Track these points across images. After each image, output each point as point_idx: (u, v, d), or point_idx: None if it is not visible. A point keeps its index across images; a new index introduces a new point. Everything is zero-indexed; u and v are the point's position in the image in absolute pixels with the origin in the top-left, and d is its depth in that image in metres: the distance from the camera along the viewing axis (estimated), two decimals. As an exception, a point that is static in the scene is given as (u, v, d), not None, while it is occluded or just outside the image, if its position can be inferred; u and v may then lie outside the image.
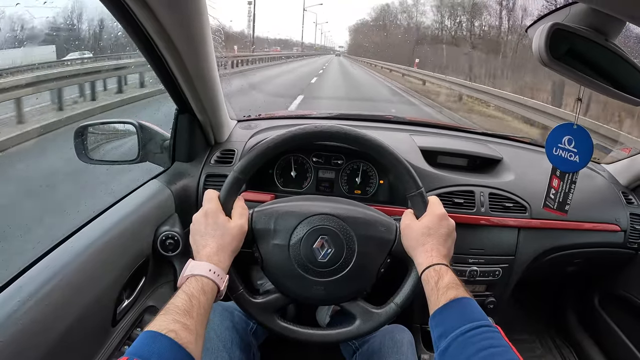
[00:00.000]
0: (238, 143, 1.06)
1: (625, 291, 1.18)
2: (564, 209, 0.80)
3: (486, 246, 1.00)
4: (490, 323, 0.53)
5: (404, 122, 1.34)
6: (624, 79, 0.63)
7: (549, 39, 0.57)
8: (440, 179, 1.01)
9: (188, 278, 0.58)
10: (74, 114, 4.20)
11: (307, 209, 0.71)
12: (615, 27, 0.60)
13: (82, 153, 0.95)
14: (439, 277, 0.59)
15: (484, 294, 1.06)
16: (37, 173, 2.55)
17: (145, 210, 0.83)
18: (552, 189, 0.80)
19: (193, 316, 0.52)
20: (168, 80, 0.81)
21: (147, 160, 0.98)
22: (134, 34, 0.67)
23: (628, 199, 1.14)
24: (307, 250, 0.69)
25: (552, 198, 0.80)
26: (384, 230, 0.71)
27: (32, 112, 3.68)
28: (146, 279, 0.83)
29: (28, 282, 0.57)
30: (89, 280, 0.65)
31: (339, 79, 14.76)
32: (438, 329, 0.55)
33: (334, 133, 0.70)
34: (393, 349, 0.79)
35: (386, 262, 0.71)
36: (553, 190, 0.80)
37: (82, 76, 4.83)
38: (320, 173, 1.08)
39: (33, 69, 3.89)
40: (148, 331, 0.48)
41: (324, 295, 0.71)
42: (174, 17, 0.65)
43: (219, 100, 0.96)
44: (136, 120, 0.96)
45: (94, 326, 0.67)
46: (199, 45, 0.75)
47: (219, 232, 0.64)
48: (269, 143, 0.69)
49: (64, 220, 1.58)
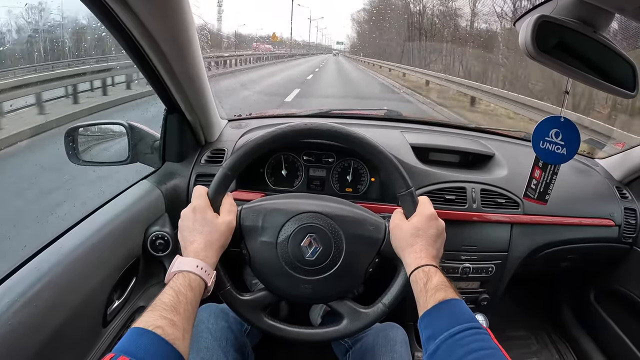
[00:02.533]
0: (228, 142, 1.06)
1: (620, 286, 1.18)
2: (544, 198, 0.81)
3: (479, 243, 1.00)
4: (479, 325, 0.53)
5: (395, 119, 1.34)
6: (613, 72, 0.63)
7: (535, 32, 0.56)
8: (432, 176, 1.01)
9: (175, 274, 0.58)
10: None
11: (295, 206, 0.71)
12: (603, 19, 0.60)
13: (72, 154, 0.94)
14: (428, 278, 0.59)
15: (478, 291, 1.05)
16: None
17: (135, 210, 0.83)
18: (533, 179, 0.80)
19: (180, 312, 0.52)
20: (155, 80, 0.81)
21: (138, 160, 0.98)
22: (118, 35, 0.66)
23: (622, 194, 1.14)
24: (295, 248, 0.69)
25: (533, 188, 0.81)
26: (373, 229, 0.71)
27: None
28: (137, 280, 0.83)
29: (16, 283, 0.57)
30: (78, 281, 0.65)
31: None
32: (427, 331, 0.54)
33: (324, 131, 0.70)
34: (386, 347, 0.79)
35: (375, 262, 0.71)
36: (534, 181, 0.80)
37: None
38: (311, 171, 1.08)
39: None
40: (135, 328, 0.48)
41: (311, 293, 0.70)
42: (157, 17, 0.64)
43: (208, 100, 0.95)
44: (126, 121, 0.96)
45: (84, 327, 0.67)
46: (184, 45, 0.74)
47: (207, 229, 0.63)
48: (259, 140, 0.69)
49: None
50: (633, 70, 0.63)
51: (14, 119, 3.60)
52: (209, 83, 0.92)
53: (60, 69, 4.73)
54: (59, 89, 4.50)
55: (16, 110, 3.57)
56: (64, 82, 4.60)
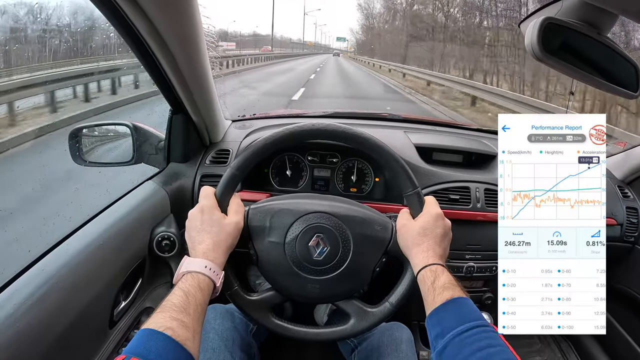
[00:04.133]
0: (233, 143, 1.06)
1: (623, 285, 1.18)
2: None
3: (483, 242, 1.00)
4: (487, 323, 0.53)
5: (399, 119, 1.34)
6: (617, 73, 0.63)
7: (541, 34, 0.57)
8: (436, 176, 1.01)
9: (184, 275, 0.58)
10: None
11: (303, 206, 0.71)
12: (607, 21, 0.60)
13: (77, 155, 0.95)
14: (435, 277, 0.59)
15: (482, 290, 1.06)
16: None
17: (140, 211, 0.83)
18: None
19: (190, 313, 0.52)
20: (161, 81, 0.81)
21: (142, 161, 0.98)
22: (126, 35, 0.67)
23: (624, 193, 1.14)
24: (303, 248, 0.69)
25: None
26: (380, 229, 0.71)
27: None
28: (143, 281, 0.83)
29: (24, 285, 0.57)
30: (85, 282, 0.65)
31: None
32: (435, 330, 0.55)
33: (331, 131, 0.70)
34: (392, 347, 0.79)
35: (382, 262, 0.71)
36: None
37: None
38: (316, 172, 1.08)
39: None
40: (145, 329, 0.48)
41: (319, 293, 0.71)
42: (166, 17, 0.65)
43: (213, 101, 0.96)
44: (131, 122, 0.96)
45: (91, 328, 0.67)
46: (192, 46, 0.75)
47: (214, 229, 0.64)
48: (266, 140, 0.69)
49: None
50: (636, 71, 0.63)
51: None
52: (214, 83, 0.93)
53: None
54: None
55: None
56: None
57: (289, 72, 16.29)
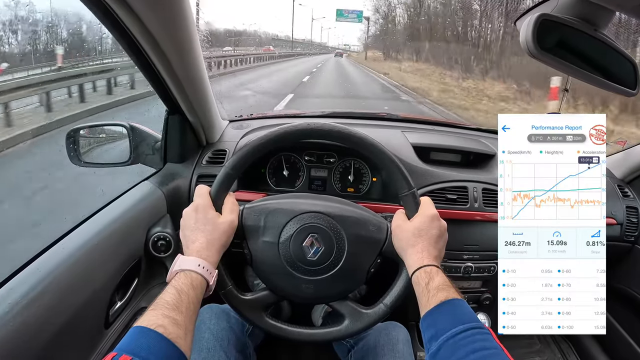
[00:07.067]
0: (229, 143, 1.06)
1: (623, 285, 1.18)
2: None
3: (481, 242, 1.00)
4: (481, 325, 0.53)
5: (396, 119, 1.34)
6: (614, 70, 0.63)
7: (536, 30, 0.56)
8: (433, 175, 1.01)
9: (177, 273, 0.58)
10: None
11: (297, 206, 0.71)
12: (604, 17, 0.60)
13: (74, 156, 0.95)
14: (430, 278, 0.59)
15: (480, 290, 1.05)
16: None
17: (136, 211, 0.83)
18: None
19: (182, 311, 0.52)
20: (156, 81, 0.81)
21: (139, 162, 0.98)
22: (120, 36, 0.67)
23: (624, 192, 1.14)
24: (297, 248, 0.68)
25: None
26: (375, 230, 0.71)
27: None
28: (139, 281, 0.83)
29: (19, 284, 0.57)
30: (80, 282, 0.65)
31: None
32: (429, 331, 0.54)
33: (327, 131, 0.70)
34: (388, 347, 0.78)
35: (376, 262, 0.71)
36: None
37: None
38: (313, 172, 1.08)
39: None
40: (137, 327, 0.48)
41: (313, 293, 0.70)
42: (157, 17, 0.65)
43: (209, 101, 0.96)
44: (127, 122, 0.96)
45: (86, 328, 0.67)
46: (186, 46, 0.74)
47: (208, 227, 0.63)
48: (261, 139, 0.69)
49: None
50: (634, 68, 0.63)
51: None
52: (209, 84, 0.93)
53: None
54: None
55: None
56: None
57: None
